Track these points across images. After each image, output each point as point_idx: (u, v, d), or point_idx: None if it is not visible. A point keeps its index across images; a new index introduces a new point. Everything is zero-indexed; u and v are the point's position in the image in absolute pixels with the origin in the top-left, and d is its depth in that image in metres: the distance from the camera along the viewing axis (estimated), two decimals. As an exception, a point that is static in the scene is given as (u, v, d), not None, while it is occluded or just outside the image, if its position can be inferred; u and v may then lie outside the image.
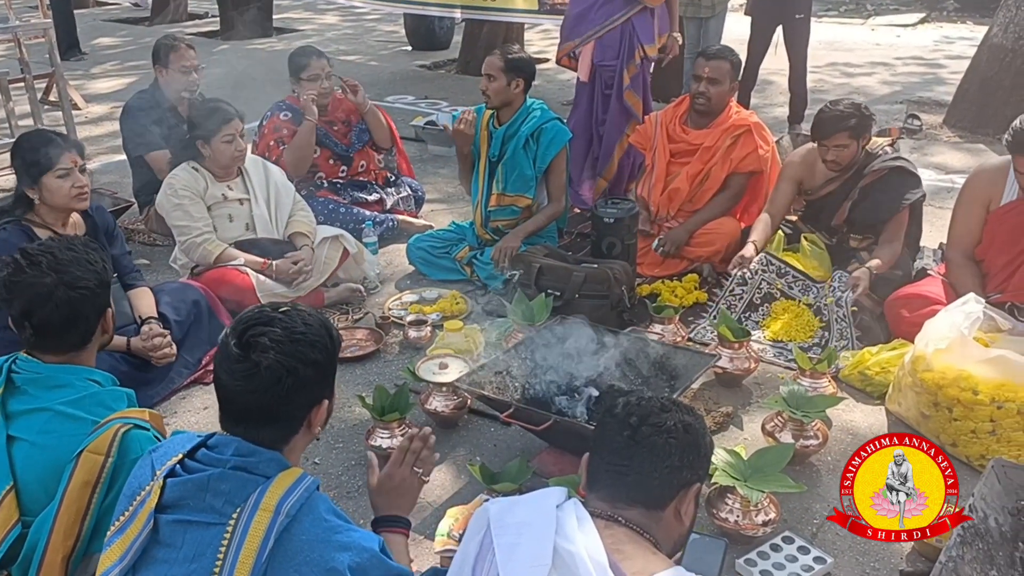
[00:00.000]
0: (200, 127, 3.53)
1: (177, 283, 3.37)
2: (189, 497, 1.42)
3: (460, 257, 3.98)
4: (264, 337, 1.43)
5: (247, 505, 1.39)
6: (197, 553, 1.38)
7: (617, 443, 1.47)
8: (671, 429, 1.47)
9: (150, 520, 1.41)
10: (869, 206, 3.52)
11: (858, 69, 9.02)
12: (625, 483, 1.45)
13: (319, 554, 1.37)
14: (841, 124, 3.42)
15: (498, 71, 3.78)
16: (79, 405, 1.81)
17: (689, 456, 1.47)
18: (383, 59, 10.04)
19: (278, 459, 1.46)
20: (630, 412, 1.49)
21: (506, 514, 1.41)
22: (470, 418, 2.95)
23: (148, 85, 4.42)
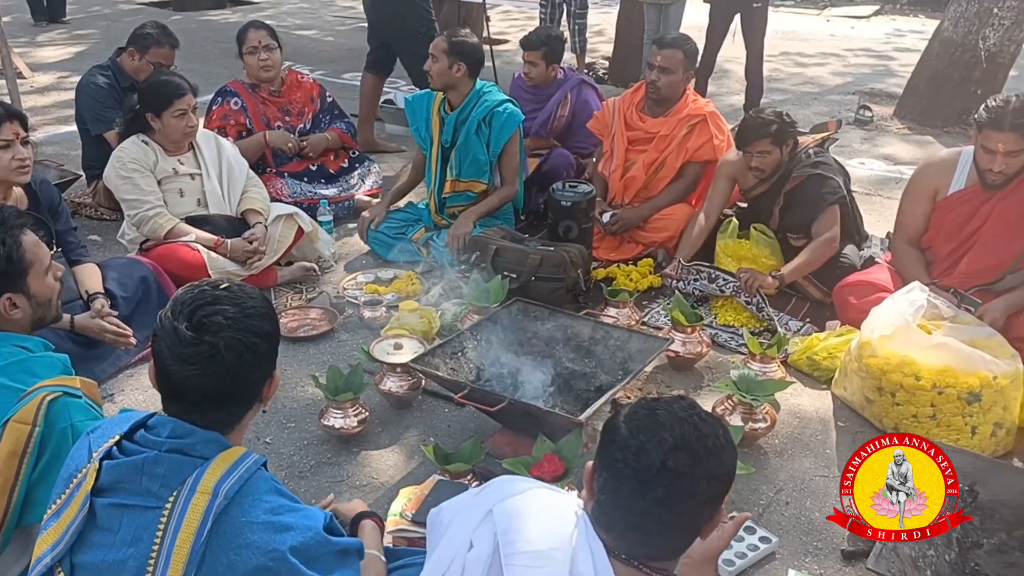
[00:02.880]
0: (150, 100, 3.44)
1: (125, 259, 3.29)
2: (125, 480, 1.38)
3: (416, 238, 3.96)
4: (217, 316, 1.38)
5: (184, 488, 1.35)
6: (134, 537, 1.35)
7: (640, 507, 1.30)
8: (705, 489, 1.30)
9: (86, 503, 1.37)
10: (794, 212, 3.62)
11: (811, 59, 9.14)
12: (650, 543, 1.35)
13: (259, 536, 1.34)
14: (762, 131, 3.50)
15: (441, 53, 3.74)
16: (5, 372, 1.75)
17: (720, 500, 1.36)
18: (340, 35, 9.89)
19: (216, 439, 1.42)
20: (655, 477, 1.28)
21: (516, 536, 1.33)
22: (424, 399, 2.95)
23: (106, 60, 4.29)
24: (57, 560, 1.36)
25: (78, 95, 4.25)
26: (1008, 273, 3.18)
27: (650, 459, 1.29)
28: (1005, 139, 3.00)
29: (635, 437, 1.32)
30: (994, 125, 3.01)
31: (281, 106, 4.32)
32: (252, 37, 4.20)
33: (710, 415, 1.40)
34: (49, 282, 1.91)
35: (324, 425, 2.68)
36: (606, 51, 8.59)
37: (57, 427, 1.68)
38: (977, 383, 2.64)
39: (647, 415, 1.36)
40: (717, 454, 1.32)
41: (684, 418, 1.34)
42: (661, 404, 1.38)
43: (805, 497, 2.56)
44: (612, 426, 1.38)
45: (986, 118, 3.04)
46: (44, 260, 1.90)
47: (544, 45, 4.50)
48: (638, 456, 1.30)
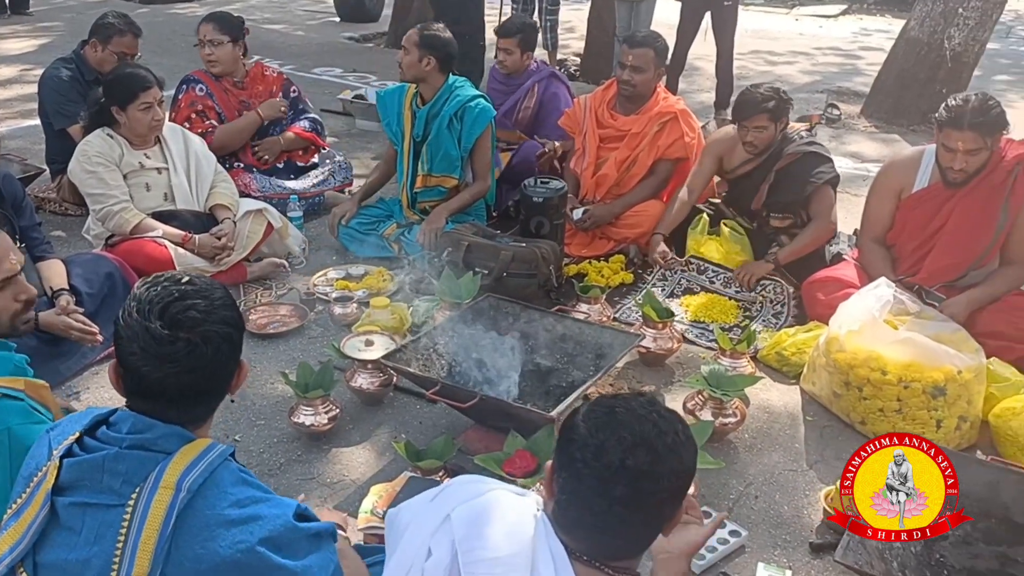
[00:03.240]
0: (115, 93, 3.38)
1: (90, 254, 3.23)
2: (86, 478, 1.34)
3: (387, 234, 3.94)
4: (191, 311, 1.36)
5: (146, 484, 1.32)
6: (97, 536, 1.32)
7: (600, 506, 1.28)
8: (666, 487, 1.29)
9: (47, 502, 1.34)
10: (785, 187, 3.64)
11: (780, 58, 9.25)
12: (611, 544, 1.33)
13: (225, 529, 1.31)
14: (760, 106, 3.54)
15: (412, 45, 3.73)
16: None
17: (682, 496, 1.35)
18: (310, 29, 9.83)
19: (178, 432, 1.39)
20: (614, 477, 1.27)
21: (476, 542, 1.31)
22: (395, 395, 2.94)
23: (70, 53, 4.21)
24: (18, 560, 1.33)
25: (41, 88, 4.17)
26: (971, 270, 3.23)
27: (609, 458, 1.27)
28: (964, 138, 3.04)
29: (594, 436, 1.30)
30: (953, 124, 3.06)
31: (241, 99, 4.25)
32: (200, 30, 4.15)
33: (670, 411, 1.39)
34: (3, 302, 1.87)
35: (294, 422, 2.66)
36: (577, 47, 8.62)
37: None
38: (942, 377, 2.68)
39: (606, 413, 1.34)
40: (677, 450, 1.31)
41: (643, 415, 1.33)
42: (620, 402, 1.37)
43: (774, 491, 2.58)
44: (571, 425, 1.36)
45: (946, 117, 3.08)
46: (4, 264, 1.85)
47: (519, 32, 4.50)
48: (597, 455, 1.28)
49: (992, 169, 3.15)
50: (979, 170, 3.14)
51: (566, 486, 1.33)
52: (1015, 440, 2.66)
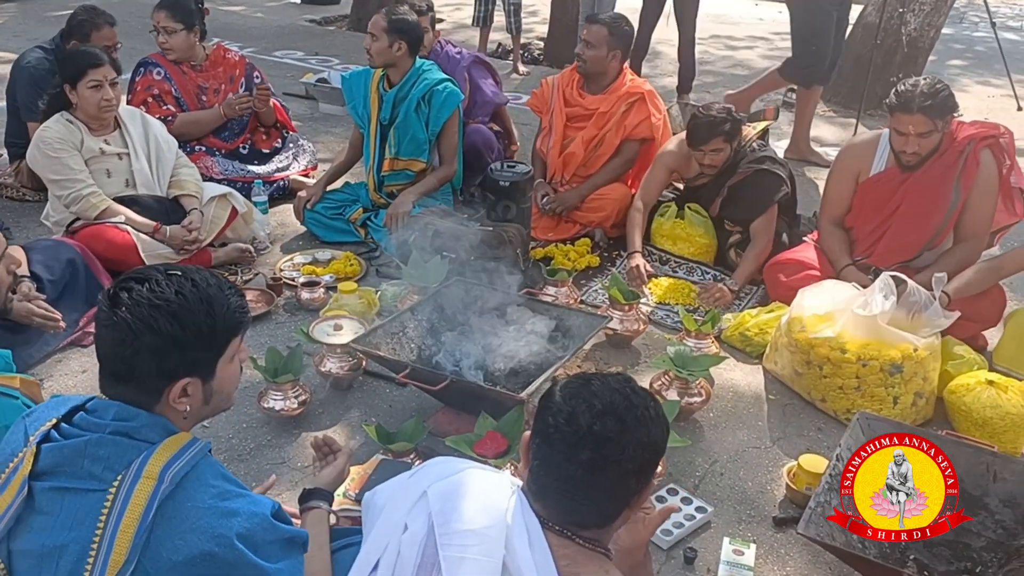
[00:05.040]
0: (65, 70, 3.31)
1: (50, 240, 3.18)
2: (66, 463, 1.35)
3: (354, 219, 3.92)
4: (126, 294, 1.37)
5: (129, 472, 1.33)
6: (76, 521, 1.32)
7: (566, 473, 1.33)
8: (631, 456, 1.33)
9: (24, 487, 1.34)
10: (738, 205, 3.69)
11: (740, 43, 9.33)
12: (577, 511, 1.37)
13: (205, 521, 1.32)
14: (716, 130, 3.56)
15: (381, 31, 3.70)
16: None
17: (648, 470, 1.38)
18: (269, 12, 9.69)
19: (163, 423, 1.40)
20: (581, 441, 1.31)
21: (451, 516, 1.34)
22: (364, 379, 2.94)
23: (50, 43, 4.09)
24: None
25: (17, 74, 4.04)
26: (925, 250, 3.33)
27: (578, 423, 1.32)
28: (915, 121, 3.12)
29: (567, 403, 1.36)
30: (903, 108, 3.12)
31: (199, 83, 4.19)
32: (154, 17, 4.08)
33: (644, 390, 1.43)
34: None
35: (263, 407, 2.66)
36: (541, 31, 8.61)
37: None
38: (899, 355, 2.76)
39: (581, 384, 1.39)
40: (645, 424, 1.36)
41: (616, 388, 1.38)
42: (596, 376, 1.42)
43: (739, 468, 2.65)
44: (548, 394, 1.41)
45: (896, 102, 3.15)
46: None
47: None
48: (568, 421, 1.33)
49: (943, 151, 3.24)
50: (932, 152, 3.22)
51: (539, 452, 1.37)
52: (968, 415, 2.75)
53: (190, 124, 4.08)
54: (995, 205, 3.27)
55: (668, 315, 3.46)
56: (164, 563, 1.29)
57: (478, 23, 7.31)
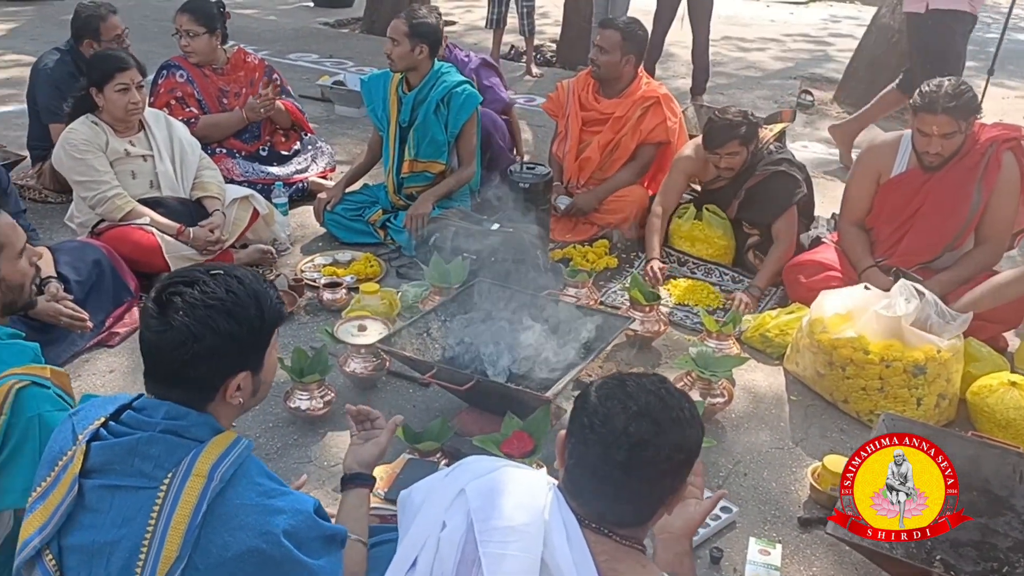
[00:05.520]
0: (93, 74, 3.34)
1: (76, 242, 3.21)
2: (116, 461, 1.37)
3: (373, 220, 3.95)
4: (179, 297, 1.38)
5: (179, 470, 1.35)
6: (126, 518, 1.34)
7: (602, 473, 1.34)
8: (667, 456, 1.33)
9: (74, 485, 1.36)
10: (756, 207, 3.70)
11: (752, 44, 9.33)
12: (613, 510, 1.38)
13: (253, 518, 1.35)
14: (732, 133, 3.56)
15: (402, 36, 3.71)
16: None
17: (683, 471, 1.38)
18: (283, 14, 9.74)
19: (211, 423, 1.43)
20: (617, 441, 1.32)
21: (491, 512, 1.35)
22: (388, 379, 2.96)
23: (64, 44, 4.12)
24: (45, 543, 1.35)
25: (35, 78, 4.08)
26: (946, 251, 3.33)
27: (614, 424, 1.33)
28: (939, 122, 3.12)
29: (603, 404, 1.37)
30: (928, 109, 3.13)
31: (221, 86, 4.22)
32: (176, 20, 4.12)
33: (679, 391, 1.43)
34: (22, 266, 1.87)
35: (290, 407, 2.68)
36: (552, 34, 8.64)
37: (24, 416, 1.65)
38: (922, 356, 2.77)
39: (617, 385, 1.40)
40: (680, 426, 1.36)
41: (651, 390, 1.39)
42: (631, 377, 1.43)
43: (762, 468, 2.65)
44: (584, 395, 1.42)
45: (920, 102, 3.15)
46: (17, 243, 1.85)
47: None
48: (604, 422, 1.34)
49: (966, 153, 3.24)
50: (954, 154, 3.23)
51: (575, 451, 1.39)
52: (991, 416, 2.75)
53: (212, 127, 4.11)
54: (1016, 207, 3.27)
55: (687, 316, 3.47)
56: (214, 559, 1.31)
57: (491, 25, 7.33)
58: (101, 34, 3.99)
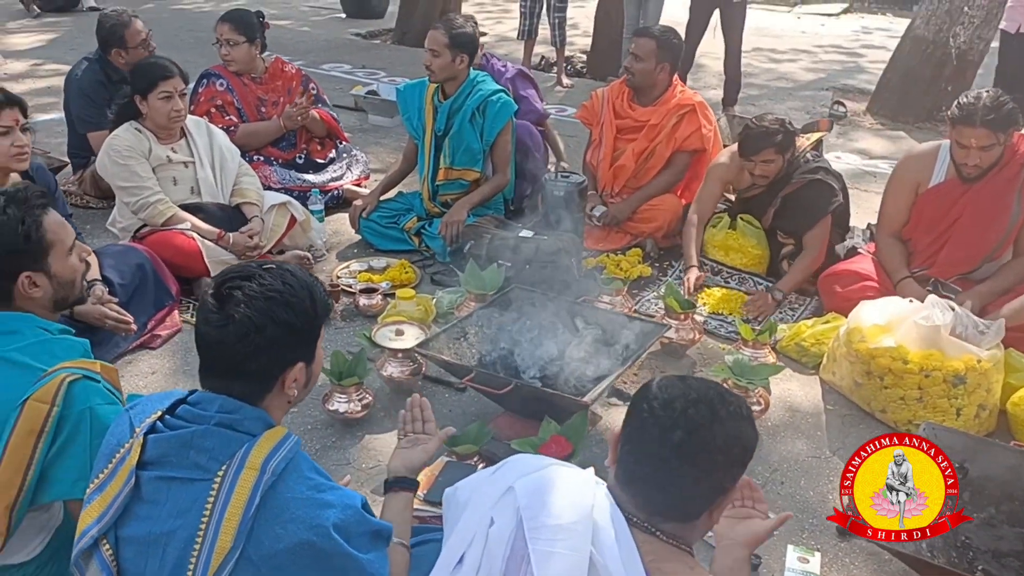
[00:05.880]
0: (137, 82, 3.42)
1: (121, 246, 3.27)
2: (172, 454, 1.40)
3: (408, 227, 3.98)
4: (239, 291, 1.42)
5: (233, 463, 1.38)
6: (182, 509, 1.37)
7: (658, 457, 1.36)
8: (721, 447, 1.35)
9: (131, 477, 1.39)
10: (791, 215, 3.67)
11: (783, 55, 9.30)
12: (663, 498, 1.38)
13: (304, 511, 1.37)
14: (768, 141, 3.54)
15: (442, 47, 3.74)
16: (27, 352, 1.75)
17: (734, 469, 1.39)
18: (315, 25, 9.86)
19: (263, 417, 1.46)
20: (675, 423, 1.35)
21: (539, 510, 1.36)
22: (424, 384, 2.98)
23: (93, 54, 4.20)
24: (102, 533, 1.38)
25: (67, 89, 4.18)
26: (985, 262, 3.30)
27: (674, 407, 1.36)
28: (977, 135, 3.10)
29: (664, 392, 1.40)
30: (966, 121, 3.10)
31: (259, 95, 4.29)
32: (217, 30, 4.20)
33: (738, 395, 1.47)
34: (72, 263, 1.91)
35: (328, 409, 2.71)
36: (583, 45, 8.67)
37: (75, 409, 1.68)
38: (962, 367, 2.74)
39: (678, 379, 1.44)
40: (736, 419, 1.38)
41: (711, 386, 1.43)
42: (692, 376, 1.47)
43: (799, 477, 2.64)
44: (645, 386, 1.45)
45: (958, 114, 3.13)
46: (67, 240, 1.90)
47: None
48: (664, 406, 1.37)
49: (1006, 163, 3.21)
50: (993, 165, 3.20)
51: (631, 437, 1.40)
52: (1033, 427, 2.73)
53: (250, 135, 4.18)
54: (1057, 218, 3.24)
55: (722, 325, 3.47)
56: (266, 551, 1.33)
57: (522, 36, 7.38)
58: (127, 41, 4.06)
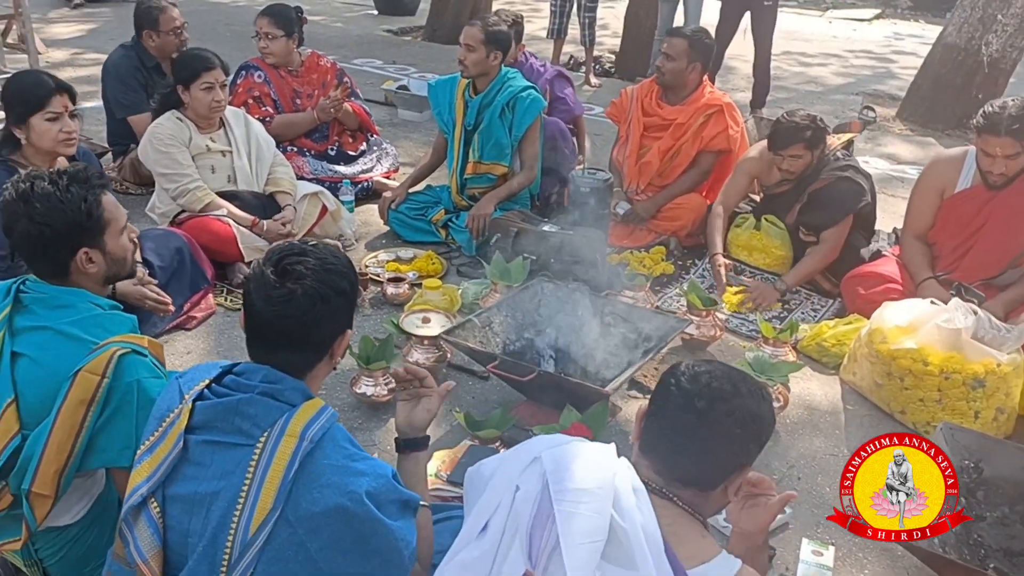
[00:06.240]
0: (180, 72, 3.53)
1: (160, 230, 3.38)
2: (218, 420, 1.49)
3: (436, 220, 4.06)
4: (300, 265, 1.51)
5: (274, 430, 1.46)
6: (226, 471, 1.46)
7: (680, 422, 1.47)
8: (740, 419, 1.45)
9: (180, 440, 1.48)
10: (816, 212, 3.70)
11: (813, 59, 9.29)
12: (683, 464, 1.48)
13: (340, 478, 1.45)
14: (797, 136, 3.57)
15: (478, 43, 3.82)
16: (80, 325, 1.83)
17: (750, 444, 1.49)
18: (348, 21, 9.97)
19: (303, 388, 1.54)
20: (699, 392, 1.47)
21: (564, 475, 1.42)
22: (449, 372, 3.05)
23: (130, 40, 4.34)
24: (151, 492, 1.47)
25: (104, 76, 4.31)
26: (1009, 267, 3.31)
27: (699, 380, 1.49)
28: (1002, 144, 3.11)
29: (691, 369, 1.53)
30: (991, 130, 3.12)
31: (295, 87, 4.39)
32: (257, 23, 4.32)
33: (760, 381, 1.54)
34: (124, 241, 2.01)
35: (355, 392, 2.79)
36: (612, 45, 8.71)
37: (124, 381, 1.76)
38: (982, 370, 2.77)
39: (705, 360, 1.57)
40: (756, 398, 1.49)
41: (736, 368, 1.56)
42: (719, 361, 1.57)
43: (816, 473, 2.68)
44: (674, 366, 1.56)
45: (983, 123, 3.15)
46: (121, 220, 1.99)
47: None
48: (690, 379, 1.50)
49: (1032, 171, 3.22)
50: (1019, 172, 3.21)
51: (657, 407, 1.52)
52: (1051, 432, 2.74)
53: (286, 126, 4.28)
54: (1082, 225, 3.25)
55: (743, 323, 3.51)
56: (303, 512, 1.41)
57: (552, 35, 7.44)
58: (160, 25, 4.18)
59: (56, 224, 1.86)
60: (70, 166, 1.98)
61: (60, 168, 1.96)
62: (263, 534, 1.40)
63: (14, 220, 1.87)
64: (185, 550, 1.48)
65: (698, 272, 3.89)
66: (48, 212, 1.85)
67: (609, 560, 1.31)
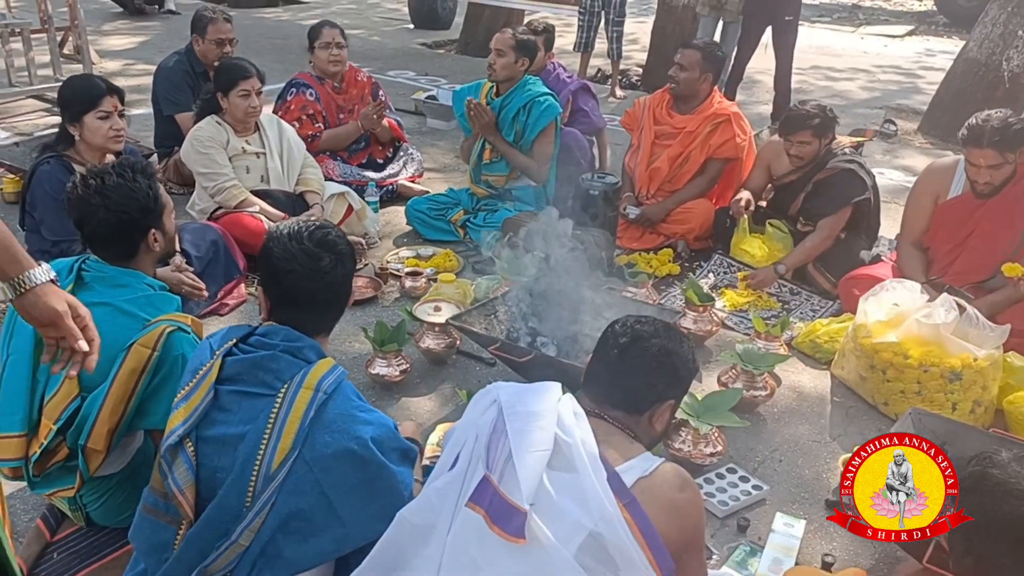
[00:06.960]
0: (220, 80, 3.83)
1: (198, 224, 3.67)
2: (245, 373, 1.75)
3: (455, 220, 4.30)
4: (329, 236, 1.82)
5: (293, 382, 1.72)
6: (251, 417, 1.72)
7: (610, 356, 1.77)
8: (655, 354, 1.74)
9: (211, 390, 1.74)
10: (819, 200, 3.88)
11: (841, 74, 9.38)
12: (611, 389, 1.76)
13: (348, 425, 1.71)
14: (806, 122, 3.78)
15: (509, 48, 4.08)
16: (135, 303, 2.10)
17: (666, 377, 1.76)
18: (385, 35, 10.32)
19: (318, 348, 1.81)
20: (625, 332, 1.78)
21: (516, 402, 1.66)
22: (458, 357, 3.28)
23: (184, 47, 4.69)
24: (187, 434, 1.72)
25: (155, 77, 4.68)
26: (998, 272, 3.43)
27: (627, 324, 1.81)
28: (985, 155, 3.26)
29: (625, 319, 1.84)
30: (974, 142, 3.27)
31: (339, 103, 4.70)
32: (327, 33, 4.62)
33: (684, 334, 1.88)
34: (172, 222, 2.29)
35: (370, 372, 3.02)
36: (639, 59, 8.91)
37: (171, 355, 2.02)
38: (959, 363, 2.91)
39: (642, 316, 1.87)
40: (674, 340, 1.79)
41: (663, 321, 1.86)
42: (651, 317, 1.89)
43: (798, 456, 2.85)
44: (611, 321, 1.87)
45: (967, 135, 3.29)
46: (170, 203, 2.29)
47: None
48: (621, 324, 1.82)
49: (1020, 178, 3.36)
50: (1007, 180, 3.35)
51: (596, 351, 1.83)
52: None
53: (335, 140, 4.62)
54: (1069, 230, 3.37)
55: (741, 321, 3.68)
56: (317, 454, 1.68)
57: (579, 48, 7.67)
58: (207, 33, 4.56)
59: (131, 210, 2.15)
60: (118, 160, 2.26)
61: (119, 161, 2.24)
62: (284, 470, 1.66)
63: (91, 213, 2.14)
64: (213, 483, 1.73)
65: (704, 273, 4.06)
66: (123, 201, 2.14)
67: (554, 468, 1.56)
